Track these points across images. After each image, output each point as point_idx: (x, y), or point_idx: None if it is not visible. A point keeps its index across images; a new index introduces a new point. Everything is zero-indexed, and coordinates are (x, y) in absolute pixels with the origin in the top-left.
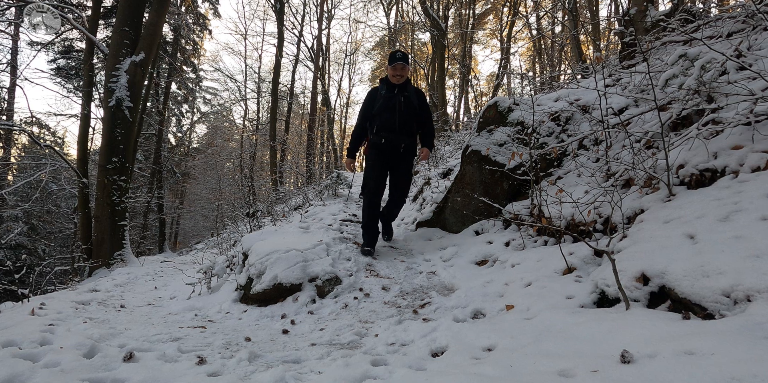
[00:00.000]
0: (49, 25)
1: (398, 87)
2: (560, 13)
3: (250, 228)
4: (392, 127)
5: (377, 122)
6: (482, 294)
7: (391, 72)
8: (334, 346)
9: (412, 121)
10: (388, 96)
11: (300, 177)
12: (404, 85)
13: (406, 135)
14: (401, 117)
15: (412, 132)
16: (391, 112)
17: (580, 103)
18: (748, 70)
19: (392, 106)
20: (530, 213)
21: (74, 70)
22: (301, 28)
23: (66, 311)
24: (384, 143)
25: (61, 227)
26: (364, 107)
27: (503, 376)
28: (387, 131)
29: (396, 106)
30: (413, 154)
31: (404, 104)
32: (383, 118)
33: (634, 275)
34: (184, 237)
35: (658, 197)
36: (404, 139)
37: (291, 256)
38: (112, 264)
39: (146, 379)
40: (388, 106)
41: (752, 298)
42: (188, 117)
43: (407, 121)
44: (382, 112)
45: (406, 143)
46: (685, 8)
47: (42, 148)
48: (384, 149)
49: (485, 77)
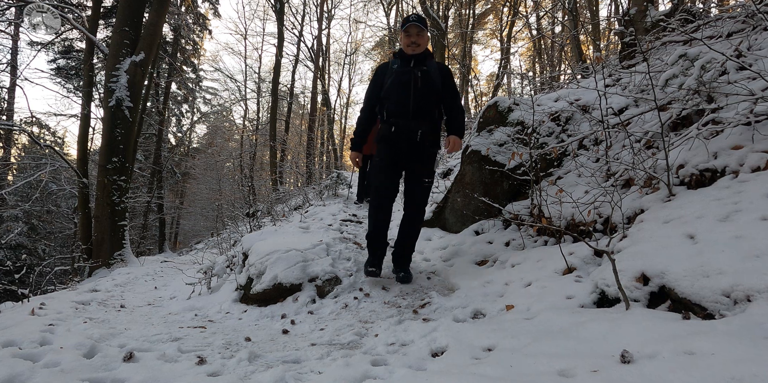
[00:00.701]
0: (49, 25)
1: (414, 59)
2: (560, 13)
3: (250, 228)
4: (405, 110)
5: (387, 105)
6: (482, 294)
7: (404, 40)
8: (334, 346)
9: (432, 104)
10: (402, 71)
11: (300, 177)
12: (422, 56)
13: (424, 121)
14: (417, 97)
15: (432, 118)
16: (404, 91)
17: (580, 103)
18: (748, 70)
19: (406, 83)
20: (530, 213)
21: (74, 70)
22: (301, 28)
23: (66, 311)
24: (394, 133)
25: (61, 227)
26: (371, 86)
27: (503, 376)
28: (398, 116)
29: (411, 83)
30: (435, 148)
31: (422, 80)
32: (394, 99)
33: (634, 275)
34: (184, 237)
35: (658, 197)
36: (421, 126)
37: (291, 256)
38: (112, 264)
39: (146, 379)
40: (401, 82)
41: (752, 298)
42: (188, 117)
43: (426, 103)
44: (392, 91)
45: (423, 131)
46: (685, 8)
47: (42, 148)
48: (394, 141)
49: (485, 77)
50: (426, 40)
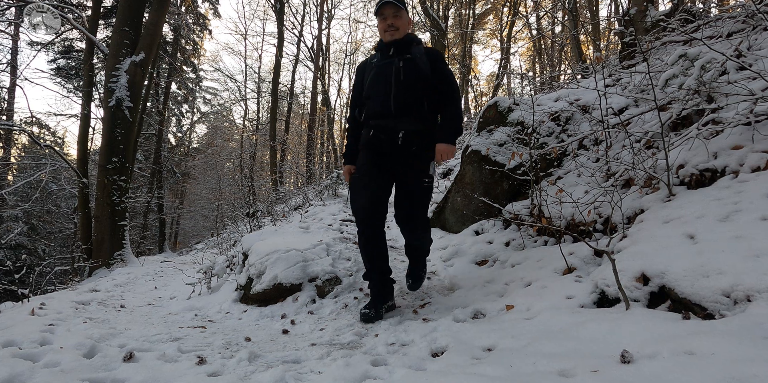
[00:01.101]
0: (49, 25)
1: (395, 46)
2: (560, 13)
3: (250, 229)
4: (386, 109)
5: (368, 106)
6: (482, 294)
7: (380, 25)
8: (334, 346)
9: (419, 97)
10: (381, 63)
11: (300, 177)
12: (404, 43)
13: (408, 119)
14: (400, 91)
15: (421, 114)
16: (384, 86)
17: (580, 103)
18: (748, 70)
19: (386, 77)
20: (530, 213)
21: (74, 70)
22: (301, 28)
23: (66, 311)
24: (373, 136)
25: (61, 227)
26: (353, 89)
27: (503, 376)
28: (379, 117)
29: (392, 76)
30: (425, 150)
31: (405, 71)
32: (374, 97)
33: (634, 275)
34: (184, 237)
35: (658, 197)
36: (405, 125)
37: (291, 256)
38: (112, 264)
39: (146, 379)
40: (381, 77)
41: (752, 298)
42: (188, 117)
43: (410, 97)
44: (372, 88)
45: (408, 131)
46: (685, 8)
47: (42, 148)
48: (376, 147)
49: (485, 77)
50: (406, 23)
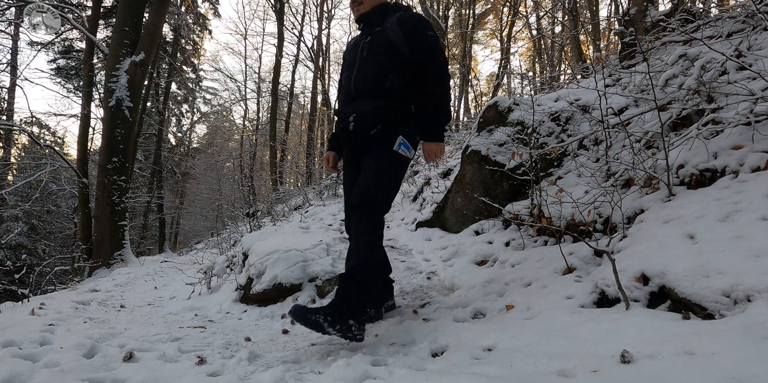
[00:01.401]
0: (49, 25)
1: (365, 22)
2: (560, 13)
3: (250, 229)
4: (347, 93)
5: None
6: (482, 293)
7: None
8: (334, 346)
9: (379, 72)
10: (352, 44)
11: (300, 177)
12: (372, 15)
13: (362, 100)
14: (360, 70)
15: (379, 92)
16: (349, 69)
17: (580, 103)
18: (748, 70)
19: (353, 58)
20: (530, 213)
21: (74, 70)
22: (301, 28)
23: (66, 311)
24: (338, 125)
25: (61, 227)
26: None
27: (503, 376)
28: (341, 104)
29: (357, 56)
30: (386, 137)
31: (369, 46)
32: (341, 83)
33: (634, 275)
34: (184, 237)
35: (658, 197)
36: (357, 108)
37: (291, 256)
38: (112, 264)
39: (146, 379)
40: (348, 60)
41: (752, 298)
42: (188, 117)
43: (369, 75)
44: (341, 75)
45: (358, 114)
46: (685, 8)
47: (42, 148)
48: (344, 139)
49: (485, 77)
50: None
